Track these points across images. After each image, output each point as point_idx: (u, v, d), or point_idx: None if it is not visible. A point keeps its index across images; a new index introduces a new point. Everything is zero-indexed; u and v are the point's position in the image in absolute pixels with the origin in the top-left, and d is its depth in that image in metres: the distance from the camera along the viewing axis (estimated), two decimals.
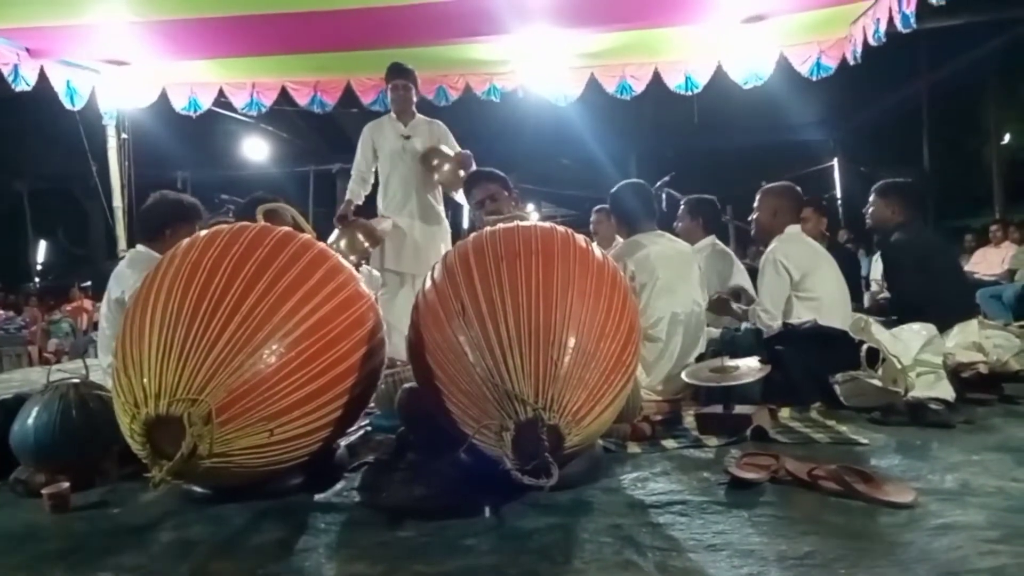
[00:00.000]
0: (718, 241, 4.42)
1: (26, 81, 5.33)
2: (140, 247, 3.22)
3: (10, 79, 5.21)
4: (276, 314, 1.85)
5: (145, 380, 1.75)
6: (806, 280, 3.36)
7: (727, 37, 5.68)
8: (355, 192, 4.59)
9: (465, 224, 7.13)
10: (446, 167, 4.34)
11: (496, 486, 1.79)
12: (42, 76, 5.47)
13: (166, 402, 1.72)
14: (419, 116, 4.64)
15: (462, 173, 4.19)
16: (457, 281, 1.94)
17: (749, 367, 2.64)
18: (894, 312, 3.62)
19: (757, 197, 3.70)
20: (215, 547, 1.68)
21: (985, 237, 8.86)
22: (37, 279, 16.81)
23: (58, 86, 5.65)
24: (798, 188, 3.71)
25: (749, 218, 3.79)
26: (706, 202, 4.48)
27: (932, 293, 3.45)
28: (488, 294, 1.85)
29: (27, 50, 5.31)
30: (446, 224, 4.68)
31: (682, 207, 4.46)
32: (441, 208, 4.63)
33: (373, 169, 4.62)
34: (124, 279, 3.07)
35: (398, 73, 4.55)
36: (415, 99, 4.64)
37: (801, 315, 3.27)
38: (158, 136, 8.56)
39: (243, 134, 14.08)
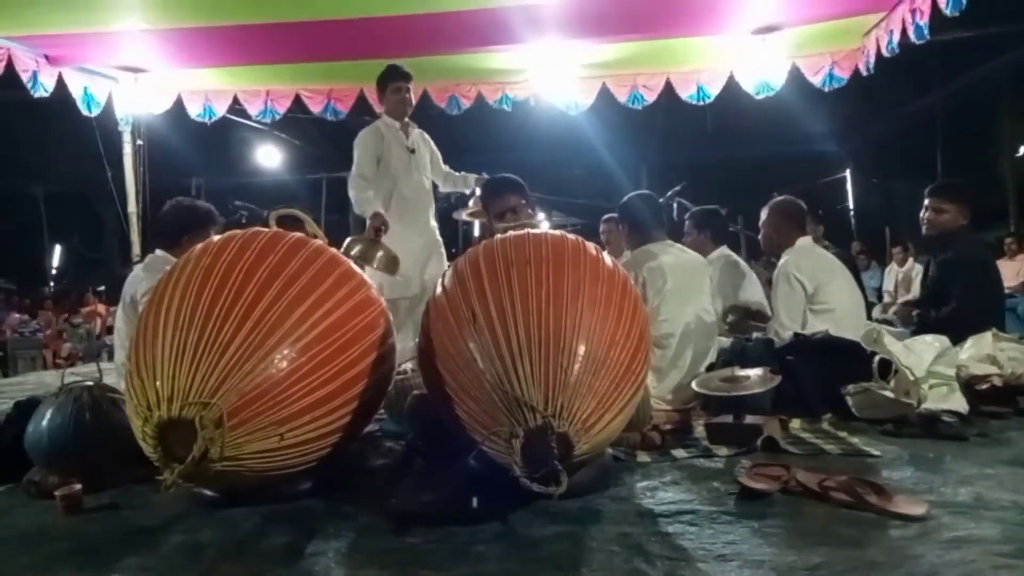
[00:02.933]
0: (730, 251, 4.40)
1: (44, 87, 5.41)
2: (159, 252, 3.27)
3: (29, 85, 5.29)
4: (288, 319, 1.86)
5: (158, 383, 1.77)
6: (820, 292, 3.34)
7: (739, 48, 5.68)
8: (376, 203, 4.02)
9: (476, 231, 7.13)
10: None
11: (505, 493, 1.79)
12: (60, 83, 5.55)
13: (178, 405, 1.73)
14: (414, 125, 4.39)
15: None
16: (468, 288, 1.94)
17: (760, 377, 2.63)
18: (943, 326, 3.40)
19: (763, 213, 3.68)
20: (224, 550, 1.69)
21: (999, 250, 8.80)
22: (52, 283, 16.97)
23: (76, 92, 5.73)
24: (800, 201, 3.69)
25: (759, 236, 3.76)
26: (710, 213, 4.46)
27: (983, 308, 3.39)
28: (498, 301, 1.85)
29: (46, 57, 5.40)
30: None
31: (688, 222, 4.42)
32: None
33: None
34: (139, 282, 3.12)
35: (403, 75, 4.24)
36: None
37: (816, 327, 3.25)
38: (173, 143, 8.65)
39: (257, 141, 14.21)
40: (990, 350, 2.99)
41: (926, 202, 3.71)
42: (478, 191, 4.15)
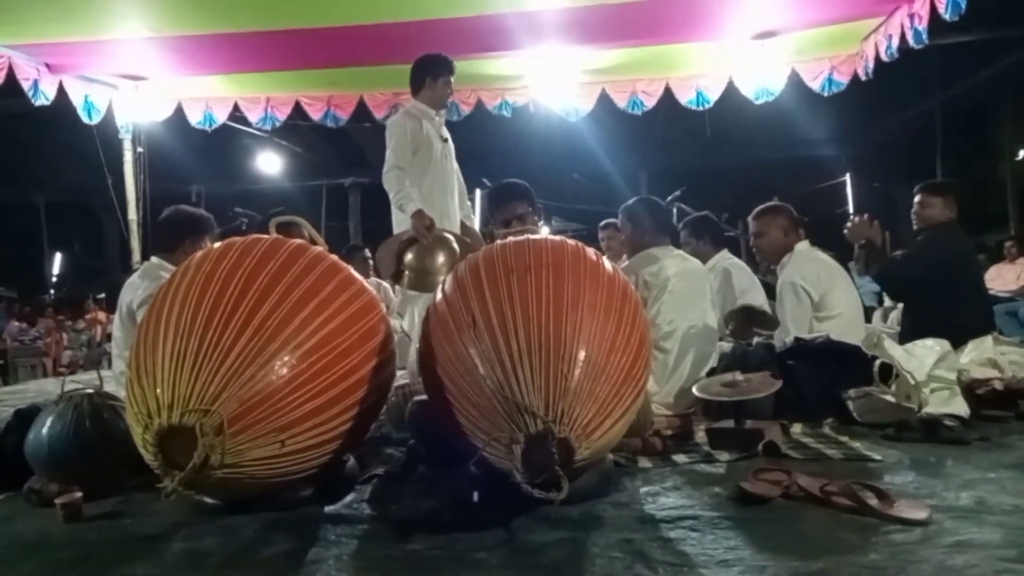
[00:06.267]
0: (730, 255, 4.41)
1: (45, 96, 5.43)
2: (155, 259, 3.27)
3: (30, 94, 5.31)
4: (288, 325, 1.86)
5: (158, 390, 1.77)
6: (825, 299, 3.34)
7: (738, 53, 5.70)
8: (417, 199, 3.57)
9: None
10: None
11: (506, 499, 1.78)
12: (61, 91, 5.57)
13: (179, 412, 1.73)
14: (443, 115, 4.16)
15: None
16: (468, 294, 1.94)
17: (761, 382, 2.62)
18: (907, 320, 3.52)
19: (753, 222, 3.66)
20: (226, 558, 1.69)
21: (999, 254, 8.80)
22: (52, 291, 16.97)
23: (76, 101, 5.75)
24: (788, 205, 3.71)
25: (752, 244, 3.76)
26: (703, 219, 4.51)
27: (951, 304, 3.41)
28: (499, 307, 1.86)
29: (47, 65, 5.41)
30: None
31: (683, 232, 4.42)
32: None
33: None
34: (135, 289, 3.12)
35: (455, 69, 4.04)
36: None
37: (821, 333, 3.25)
38: (173, 150, 8.66)
39: (257, 148, 14.20)
40: (991, 354, 2.98)
41: (916, 199, 3.93)
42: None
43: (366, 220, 15.21)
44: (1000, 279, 8.00)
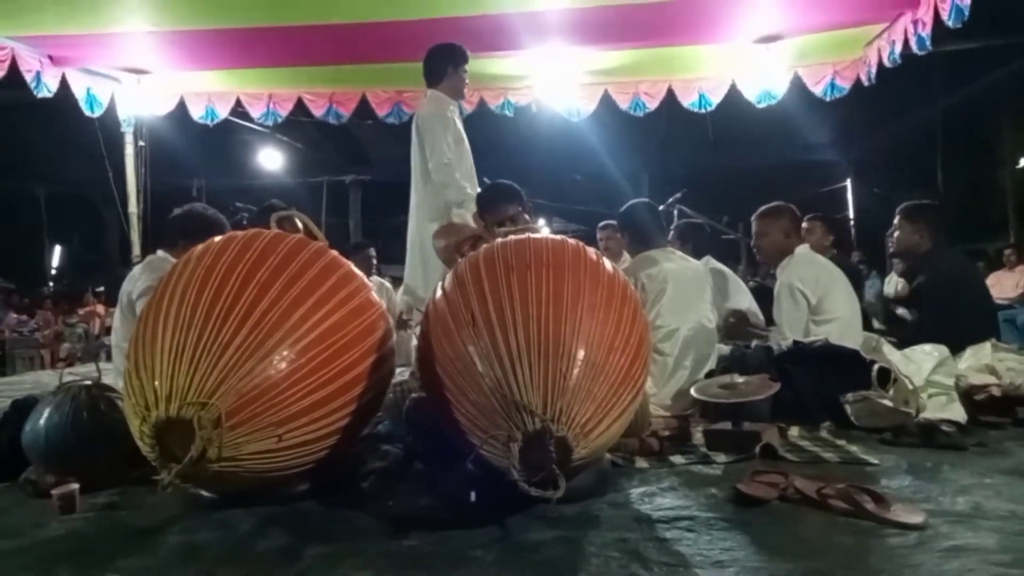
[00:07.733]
0: (713, 260, 4.43)
1: (48, 88, 5.43)
2: (160, 252, 3.28)
3: (32, 86, 5.32)
4: (287, 320, 1.87)
5: (156, 383, 1.77)
6: (823, 302, 3.34)
7: (741, 56, 5.71)
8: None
9: None
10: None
11: (502, 497, 1.78)
12: (63, 83, 5.58)
13: (176, 405, 1.73)
14: None
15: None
16: (468, 291, 1.94)
17: (759, 384, 2.63)
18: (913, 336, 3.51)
19: (755, 222, 3.66)
20: (222, 552, 1.68)
21: (998, 261, 8.82)
22: (51, 283, 16.96)
23: (79, 93, 5.76)
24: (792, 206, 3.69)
25: (753, 244, 3.75)
26: (697, 227, 4.62)
27: (967, 323, 3.40)
28: (498, 305, 1.86)
29: (50, 58, 5.41)
30: None
31: (672, 232, 4.45)
32: None
33: None
34: (135, 281, 3.12)
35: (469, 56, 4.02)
36: None
37: (818, 336, 3.24)
38: (175, 144, 8.67)
39: (258, 144, 14.23)
40: (989, 360, 2.98)
41: (895, 221, 3.81)
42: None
43: (367, 217, 15.25)
44: (999, 287, 8.01)
